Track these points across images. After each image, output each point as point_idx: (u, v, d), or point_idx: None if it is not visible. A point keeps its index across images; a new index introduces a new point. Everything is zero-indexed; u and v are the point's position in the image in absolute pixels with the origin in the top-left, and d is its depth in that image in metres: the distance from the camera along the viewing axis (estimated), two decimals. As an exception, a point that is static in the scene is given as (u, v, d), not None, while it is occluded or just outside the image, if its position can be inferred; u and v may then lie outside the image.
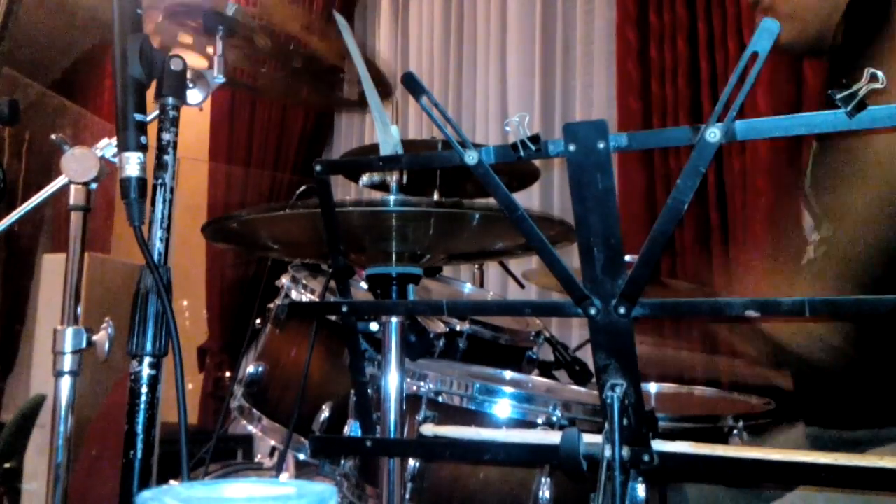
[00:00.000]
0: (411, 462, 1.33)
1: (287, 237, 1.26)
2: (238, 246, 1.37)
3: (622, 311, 0.67)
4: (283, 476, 1.74)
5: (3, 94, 1.13)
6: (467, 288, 2.25)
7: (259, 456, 2.64)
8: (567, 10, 3.14)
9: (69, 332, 1.23)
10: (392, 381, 1.12)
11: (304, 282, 1.80)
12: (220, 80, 1.16)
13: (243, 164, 4.23)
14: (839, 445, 1.22)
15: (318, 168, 0.80)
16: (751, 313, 0.63)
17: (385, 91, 1.46)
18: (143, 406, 0.96)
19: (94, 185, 1.26)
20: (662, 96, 2.61)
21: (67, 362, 1.22)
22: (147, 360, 0.97)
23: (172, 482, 1.12)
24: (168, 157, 1.03)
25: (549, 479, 1.28)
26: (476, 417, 1.37)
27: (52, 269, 3.40)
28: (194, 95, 1.12)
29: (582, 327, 2.67)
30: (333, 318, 1.63)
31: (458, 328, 1.77)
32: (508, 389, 1.40)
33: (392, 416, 1.13)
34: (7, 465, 2.74)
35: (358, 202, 0.98)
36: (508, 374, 1.72)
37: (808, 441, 1.32)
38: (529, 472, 1.30)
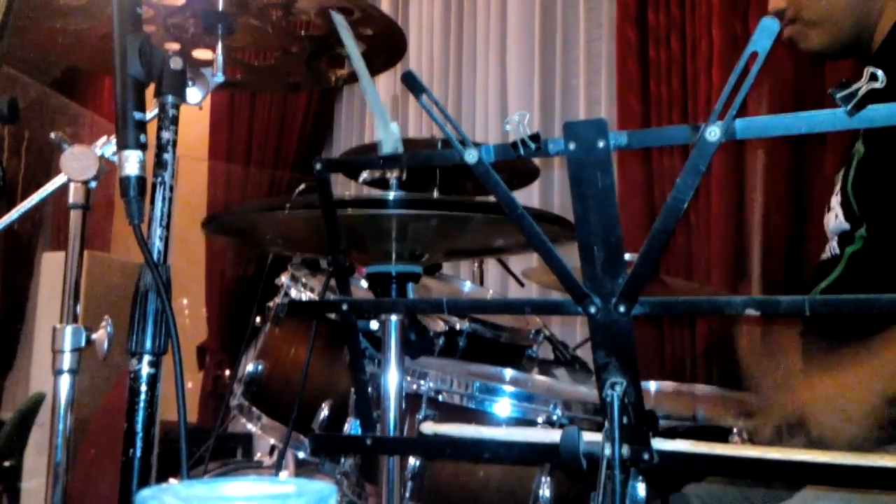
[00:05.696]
0: (411, 460, 1.33)
1: (288, 232, 1.26)
2: (238, 240, 1.37)
3: (622, 309, 0.67)
4: (283, 474, 1.74)
5: (2, 92, 1.13)
6: (467, 286, 2.26)
7: (259, 454, 2.64)
8: (567, 9, 3.14)
9: (68, 330, 1.23)
10: (392, 380, 1.13)
11: (304, 280, 1.81)
12: (220, 78, 1.16)
13: (243, 162, 4.23)
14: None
15: (317, 166, 0.80)
16: (750, 311, 0.63)
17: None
18: (142, 404, 0.96)
19: (93, 184, 1.25)
20: (661, 95, 2.61)
21: (67, 361, 1.22)
22: (146, 358, 0.96)
23: (172, 480, 1.12)
24: (167, 156, 1.03)
25: (549, 478, 1.28)
26: (476, 416, 1.37)
27: (51, 268, 3.39)
28: (194, 94, 1.11)
29: (585, 325, 2.67)
30: (333, 316, 1.63)
31: (457, 326, 1.77)
32: (508, 388, 1.40)
33: (392, 415, 1.13)
34: (6, 464, 2.74)
35: (358, 201, 0.98)
36: (508, 373, 1.72)
37: None
38: (529, 470, 1.30)
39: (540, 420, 1.33)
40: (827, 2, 1.32)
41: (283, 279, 1.86)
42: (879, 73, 0.55)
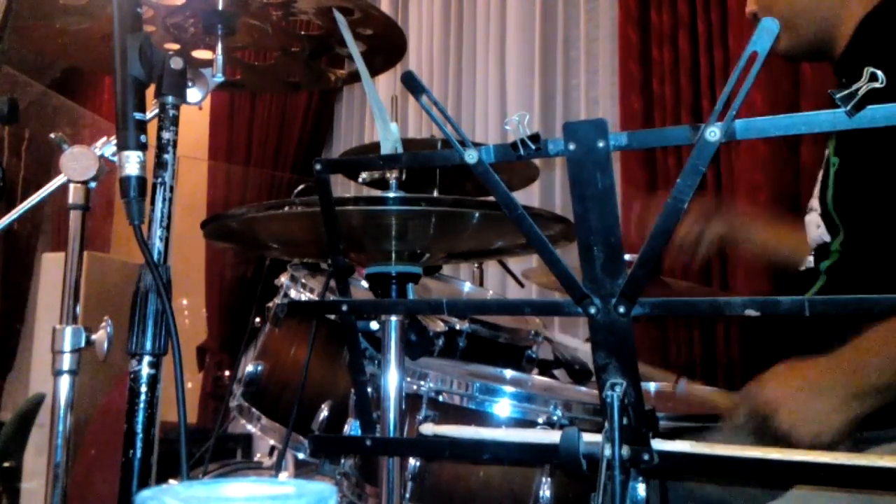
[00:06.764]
0: (411, 461, 1.33)
1: (286, 236, 1.26)
2: (237, 244, 1.37)
3: (622, 310, 0.67)
4: (283, 475, 1.74)
5: (2, 92, 1.13)
6: (467, 287, 2.26)
7: (258, 455, 2.64)
8: (567, 9, 3.14)
9: (68, 330, 1.23)
10: (392, 380, 1.12)
11: (304, 280, 1.80)
12: (220, 78, 1.16)
13: (243, 162, 4.23)
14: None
15: (317, 167, 0.80)
16: (750, 312, 0.63)
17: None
18: (142, 405, 0.96)
19: (93, 184, 1.25)
20: (664, 95, 2.61)
21: (66, 361, 1.22)
22: (146, 359, 0.97)
23: (172, 481, 1.12)
24: (168, 156, 1.03)
25: (549, 479, 1.28)
26: (476, 417, 1.37)
27: (51, 268, 3.39)
28: (194, 94, 1.11)
29: (585, 326, 2.67)
30: (333, 316, 1.63)
31: (457, 327, 1.77)
32: (508, 388, 1.40)
33: (392, 415, 1.12)
34: (6, 465, 2.74)
35: (357, 198, 0.98)
36: (508, 373, 1.72)
37: None
38: (530, 471, 1.30)
39: (540, 421, 1.33)
40: (788, 6, 1.35)
41: (283, 279, 1.86)
42: (879, 73, 0.55)
